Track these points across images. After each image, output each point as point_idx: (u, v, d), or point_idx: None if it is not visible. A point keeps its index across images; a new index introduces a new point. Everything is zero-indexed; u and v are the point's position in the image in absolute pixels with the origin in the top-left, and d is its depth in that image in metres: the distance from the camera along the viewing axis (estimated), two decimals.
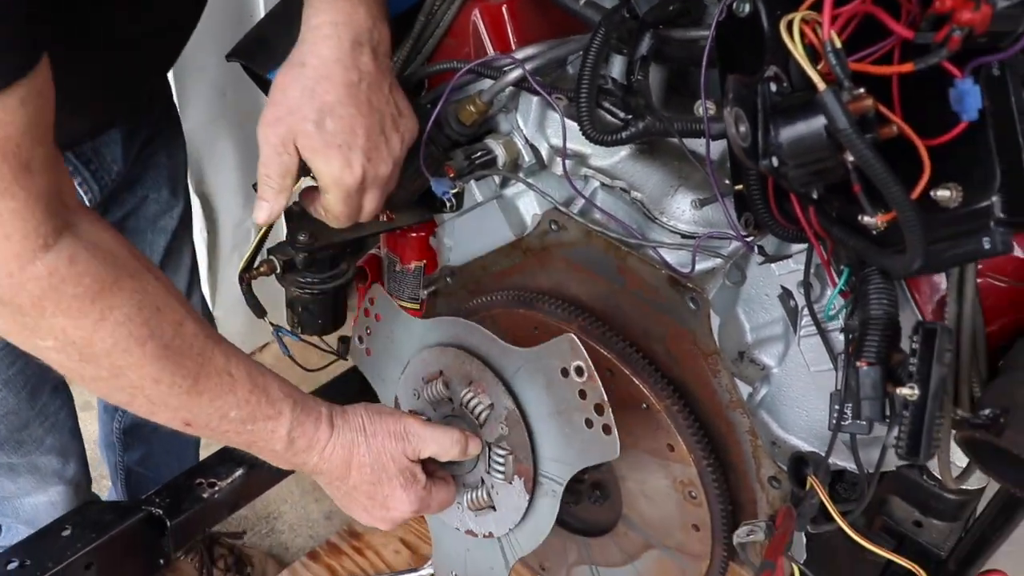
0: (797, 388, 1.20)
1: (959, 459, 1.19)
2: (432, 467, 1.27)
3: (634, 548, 1.39)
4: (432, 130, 1.24)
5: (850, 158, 0.80)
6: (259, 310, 1.38)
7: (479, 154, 1.25)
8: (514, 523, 1.32)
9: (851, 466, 1.18)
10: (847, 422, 1.04)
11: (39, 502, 1.69)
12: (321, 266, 1.40)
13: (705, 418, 1.22)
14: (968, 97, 0.81)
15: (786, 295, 1.15)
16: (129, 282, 0.96)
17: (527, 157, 1.29)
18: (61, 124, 0.91)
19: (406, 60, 1.33)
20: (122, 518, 1.50)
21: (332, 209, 1.17)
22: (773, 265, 1.14)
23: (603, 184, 1.24)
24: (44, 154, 0.88)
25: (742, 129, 0.85)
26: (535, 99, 1.25)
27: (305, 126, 1.09)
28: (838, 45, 0.78)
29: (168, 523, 1.53)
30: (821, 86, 0.77)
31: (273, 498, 2.53)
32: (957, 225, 0.87)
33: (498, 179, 1.34)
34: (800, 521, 1.16)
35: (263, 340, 2.86)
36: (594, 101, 1.14)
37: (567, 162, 1.23)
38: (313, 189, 1.19)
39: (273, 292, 1.46)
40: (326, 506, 2.51)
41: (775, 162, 0.82)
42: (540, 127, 1.27)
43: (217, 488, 1.58)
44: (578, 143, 1.24)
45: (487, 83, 1.25)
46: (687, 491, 1.25)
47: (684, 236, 1.17)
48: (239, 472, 1.60)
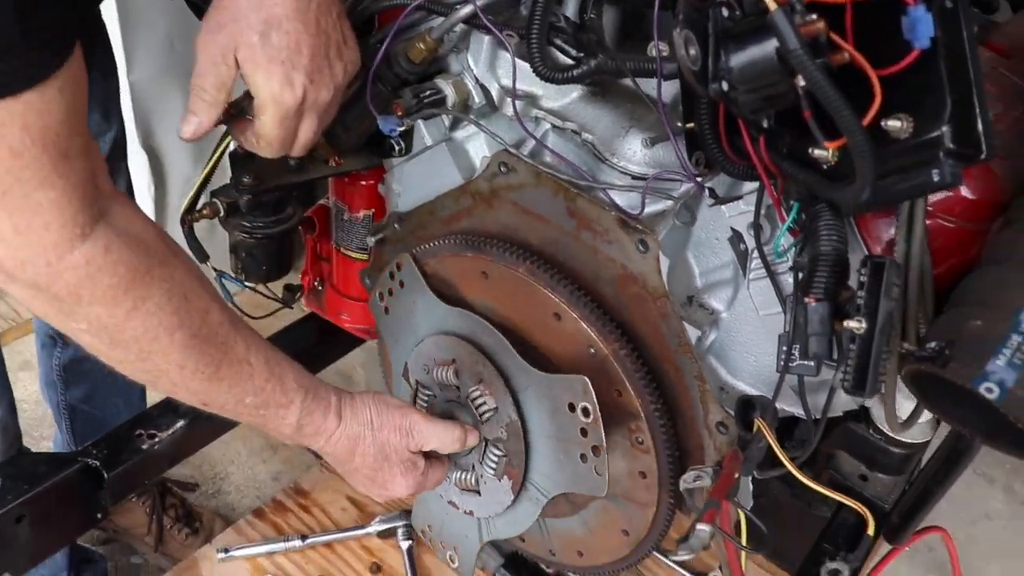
0: (746, 333, 1.19)
1: (903, 414, 1.21)
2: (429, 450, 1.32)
3: (581, 498, 1.38)
4: (380, 68, 1.21)
5: (801, 82, 0.79)
6: (201, 254, 1.35)
7: (428, 93, 1.22)
8: (495, 513, 1.39)
9: (798, 411, 1.18)
10: (795, 363, 1.04)
11: None
12: (266, 210, 1.37)
13: (653, 363, 1.21)
14: (920, 25, 0.80)
15: (736, 238, 1.14)
16: (160, 270, 0.97)
17: (477, 98, 1.26)
18: None
19: None
20: (57, 469, 1.45)
21: (266, 132, 1.12)
22: (723, 207, 1.13)
23: (554, 126, 1.22)
24: (81, 142, 0.87)
25: (692, 52, 0.83)
26: (486, 38, 1.23)
27: (249, 37, 1.04)
28: None
29: (105, 475, 1.49)
30: (772, 6, 0.76)
31: (220, 459, 2.49)
32: (907, 157, 0.86)
33: (448, 121, 1.32)
34: (747, 465, 1.15)
35: None
36: (545, 38, 1.12)
37: (518, 103, 1.21)
38: (245, 119, 1.15)
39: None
40: (274, 467, 2.48)
41: (725, 86, 0.81)
42: (491, 67, 1.24)
43: (157, 440, 1.54)
44: (529, 84, 1.21)
45: (438, 20, 1.21)
46: (634, 438, 1.24)
47: (635, 178, 1.15)
48: (180, 424, 1.56)
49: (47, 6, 0.79)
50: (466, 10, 1.18)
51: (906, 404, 1.19)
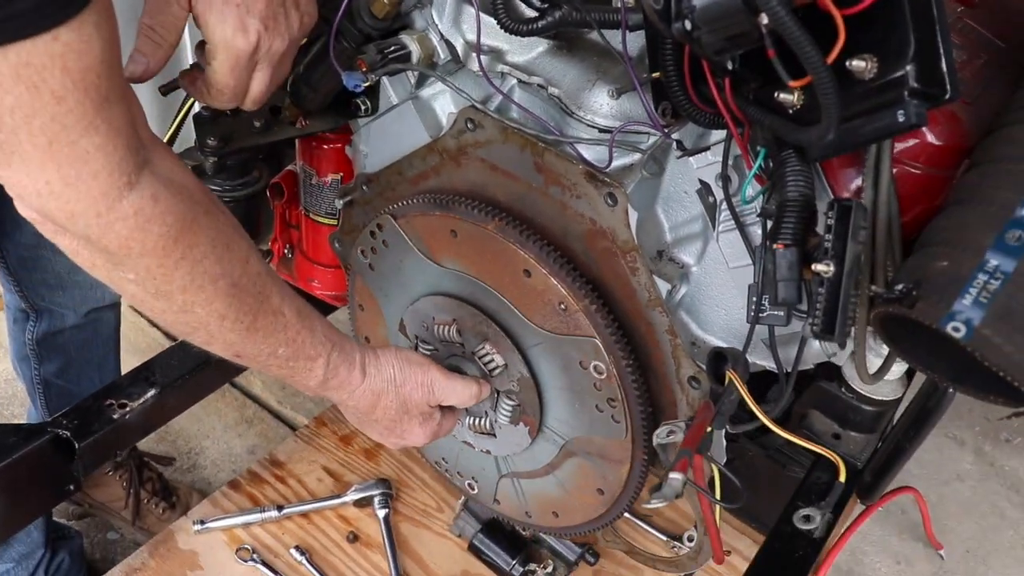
0: (716, 286, 1.19)
1: (873, 368, 1.21)
2: None
3: (555, 457, 1.38)
4: (343, 23, 1.19)
5: (764, 21, 0.78)
6: None
7: (392, 49, 1.21)
8: (513, 452, 1.42)
9: (770, 364, 1.18)
10: (765, 313, 1.04)
11: None
12: (232, 173, 1.35)
13: (624, 318, 1.20)
14: None
15: (705, 190, 1.14)
16: (205, 219, 0.96)
17: (442, 54, 1.25)
18: None
19: None
20: (26, 440, 1.43)
21: (216, 79, 1.09)
22: (691, 159, 1.13)
23: (520, 81, 1.21)
24: (120, 83, 0.84)
25: None
26: None
27: None
28: None
29: (77, 445, 1.47)
30: None
31: (195, 433, 2.47)
32: (872, 98, 0.86)
33: (413, 79, 1.30)
34: (719, 419, 1.15)
35: None
36: None
37: (483, 59, 1.20)
38: (195, 67, 1.12)
39: None
40: (249, 441, 2.47)
41: (688, 25, 0.80)
42: (455, 22, 1.23)
43: (128, 409, 1.52)
44: (494, 38, 1.21)
45: None
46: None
47: (602, 131, 1.15)
48: (151, 393, 1.55)
49: None
50: None
51: (876, 362, 1.20)
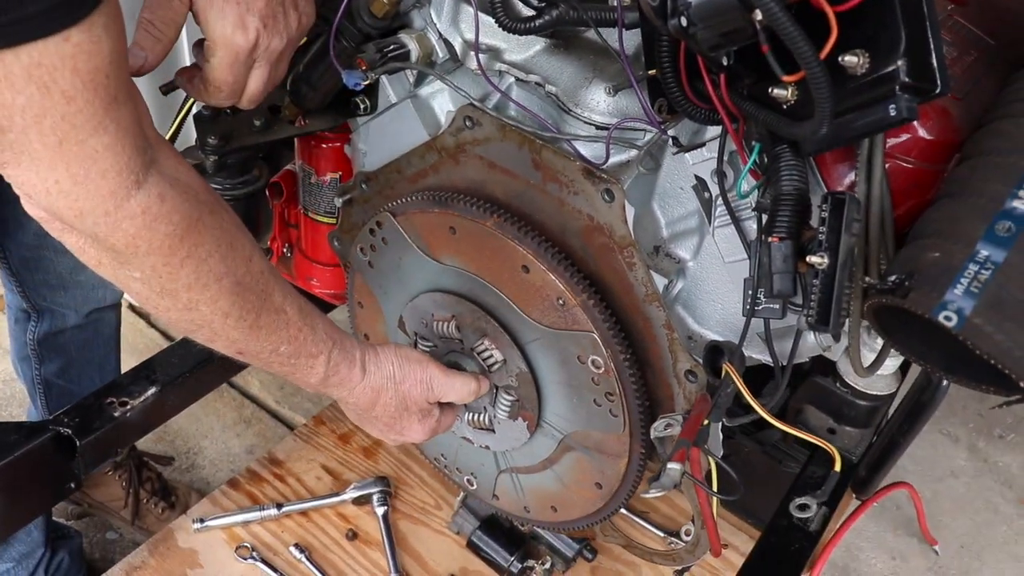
0: (712, 281, 1.21)
1: (867, 362, 1.23)
2: None
3: (553, 452, 1.39)
4: (343, 22, 1.21)
5: (759, 16, 0.79)
6: None
7: (391, 48, 1.22)
8: (512, 447, 1.43)
9: (766, 358, 1.19)
10: (761, 305, 1.05)
11: None
12: (232, 171, 1.36)
13: (622, 313, 1.22)
14: None
15: (700, 185, 1.15)
16: (210, 218, 0.97)
17: (441, 53, 1.26)
18: None
19: None
20: (28, 438, 1.44)
21: (214, 76, 1.10)
22: (687, 155, 1.14)
23: (518, 79, 1.22)
24: (126, 85, 0.86)
25: None
26: None
27: None
28: None
29: (78, 443, 1.48)
30: None
31: (194, 433, 2.48)
32: (865, 93, 0.88)
33: (412, 78, 1.32)
34: (716, 412, 1.17)
35: None
36: None
37: (481, 57, 1.21)
38: (192, 67, 1.13)
39: None
40: (247, 441, 2.48)
41: (684, 22, 0.82)
42: (454, 21, 1.24)
43: (129, 407, 1.53)
44: (492, 37, 1.22)
45: None
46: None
47: (599, 128, 1.16)
48: (152, 391, 1.56)
49: None
50: None
51: (869, 356, 1.21)
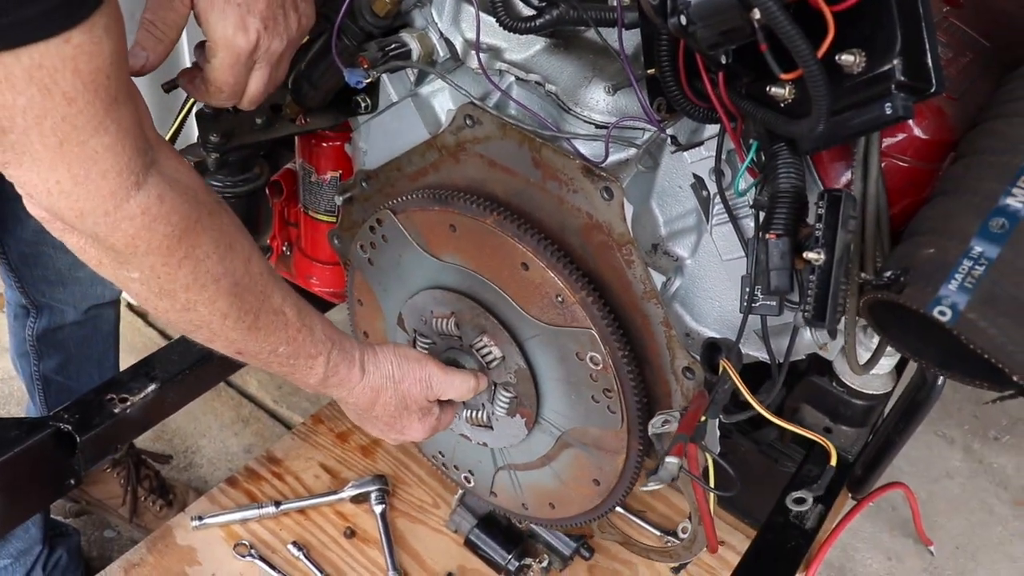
0: (710, 279, 1.22)
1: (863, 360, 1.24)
2: None
3: (551, 449, 1.40)
4: (345, 21, 1.22)
5: (757, 16, 0.81)
6: None
7: (393, 46, 1.23)
8: (510, 444, 1.43)
9: (763, 356, 1.21)
10: (758, 302, 1.06)
11: None
12: (233, 169, 1.37)
13: (620, 311, 1.23)
14: None
15: (699, 184, 1.17)
16: (209, 219, 0.98)
17: (441, 52, 1.27)
18: None
19: None
20: (28, 434, 1.44)
21: (215, 77, 1.11)
22: (685, 154, 1.15)
23: (518, 78, 1.23)
24: (127, 86, 0.86)
25: None
26: None
27: None
28: None
29: (78, 439, 1.49)
30: None
31: (191, 432, 2.49)
32: (861, 92, 0.89)
33: (413, 77, 1.33)
34: (713, 408, 1.18)
35: None
36: None
37: (482, 57, 1.22)
38: (194, 66, 1.14)
39: None
40: (246, 440, 2.48)
41: (683, 20, 0.83)
42: (455, 21, 1.25)
43: (129, 404, 1.54)
44: (493, 37, 1.23)
45: None
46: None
47: (598, 127, 1.17)
48: (151, 388, 1.56)
49: None
50: None
51: (865, 355, 1.23)
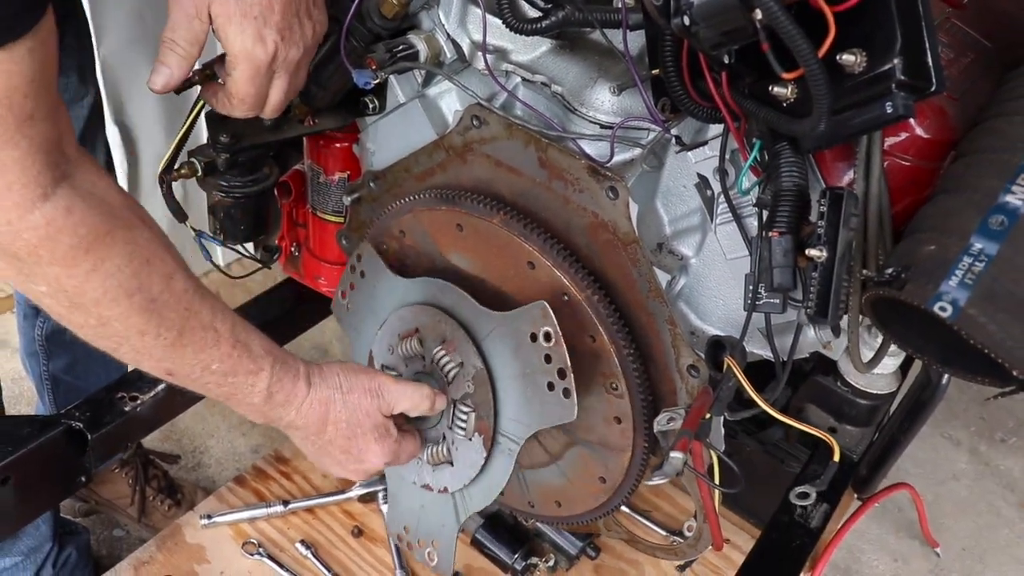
0: (714, 277, 1.23)
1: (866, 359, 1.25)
2: (400, 421, 1.34)
3: (557, 447, 1.42)
4: (353, 23, 1.23)
5: (759, 16, 0.82)
6: (180, 214, 1.37)
7: (400, 48, 1.25)
8: (470, 479, 1.40)
9: (767, 353, 1.22)
10: (762, 300, 1.08)
11: None
12: (243, 169, 1.39)
13: (626, 309, 1.24)
14: None
15: (703, 183, 1.18)
16: (122, 233, 0.98)
17: (449, 53, 1.29)
18: None
19: None
20: (40, 431, 1.46)
21: (237, 89, 1.14)
22: (690, 153, 1.17)
23: (524, 79, 1.25)
24: (47, 105, 0.88)
25: None
26: None
27: None
28: None
29: (89, 437, 1.50)
30: None
31: (199, 432, 2.50)
32: (862, 91, 0.91)
33: (420, 78, 1.34)
34: (718, 405, 1.19)
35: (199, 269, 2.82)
36: None
37: (488, 58, 1.24)
38: (213, 79, 1.16)
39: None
40: (253, 440, 2.50)
41: (686, 20, 0.84)
42: (461, 22, 1.27)
43: (139, 402, 1.55)
44: (499, 38, 1.24)
45: None
46: (608, 383, 1.28)
47: (603, 127, 1.19)
48: (161, 386, 1.58)
49: None
50: None
51: (869, 354, 1.24)
